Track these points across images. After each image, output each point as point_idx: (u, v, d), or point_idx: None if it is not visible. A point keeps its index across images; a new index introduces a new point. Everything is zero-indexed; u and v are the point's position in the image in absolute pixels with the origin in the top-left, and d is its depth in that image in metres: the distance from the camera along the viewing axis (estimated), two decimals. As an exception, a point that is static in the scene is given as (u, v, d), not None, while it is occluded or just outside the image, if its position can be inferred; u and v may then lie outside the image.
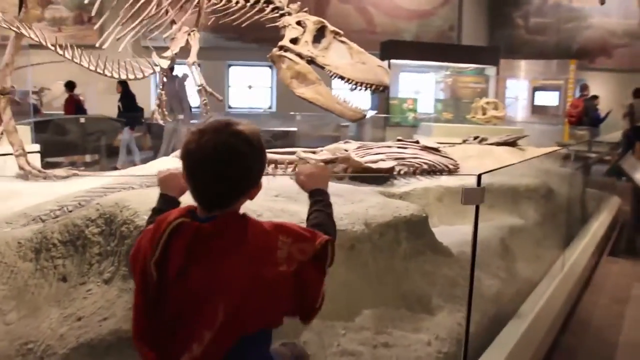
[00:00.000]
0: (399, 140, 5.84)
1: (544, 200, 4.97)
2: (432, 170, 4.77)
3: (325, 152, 4.55)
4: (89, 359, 2.14)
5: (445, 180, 4.52)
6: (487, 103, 8.61)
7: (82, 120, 8.17)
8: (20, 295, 2.49)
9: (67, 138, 8.03)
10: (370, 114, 6.36)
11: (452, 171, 4.93)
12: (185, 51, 4.56)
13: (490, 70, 11.90)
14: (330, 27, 5.17)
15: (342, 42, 5.24)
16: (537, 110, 13.78)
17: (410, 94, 11.32)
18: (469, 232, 3.94)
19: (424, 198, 4.28)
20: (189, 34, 4.78)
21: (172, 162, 4.51)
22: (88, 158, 7.94)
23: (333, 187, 3.36)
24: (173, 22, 5.05)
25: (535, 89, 13.94)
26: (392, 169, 4.54)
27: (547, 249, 4.54)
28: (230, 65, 13.17)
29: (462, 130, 7.86)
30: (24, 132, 5.65)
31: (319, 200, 1.80)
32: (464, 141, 6.55)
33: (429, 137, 8.01)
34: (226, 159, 1.40)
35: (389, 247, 2.95)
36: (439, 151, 5.48)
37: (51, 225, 2.65)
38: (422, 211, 3.18)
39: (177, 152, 4.74)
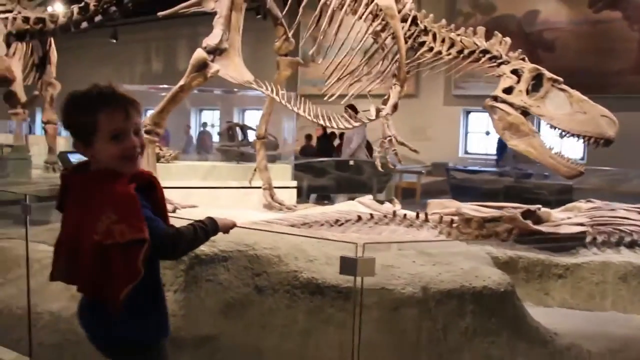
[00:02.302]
0: (653, 202, 4.91)
1: None
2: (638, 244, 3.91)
3: (491, 210, 4.21)
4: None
5: (638, 257, 3.68)
6: None
7: (351, 163, 9.16)
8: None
9: (337, 177, 9.16)
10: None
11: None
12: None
13: None
14: (548, 75, 4.82)
15: (562, 89, 4.83)
16: None
17: None
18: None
19: (599, 274, 3.60)
20: (390, 88, 5.07)
21: (354, 206, 4.84)
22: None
23: (436, 246, 3.26)
24: (394, 76, 5.37)
25: None
26: (576, 234, 3.91)
27: None
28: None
29: None
30: (286, 170, 6.78)
31: (202, 221, 2.00)
32: None
33: None
34: None
35: (446, 319, 2.72)
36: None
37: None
38: (504, 285, 2.79)
39: (362, 199, 5.06)
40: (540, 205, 4.68)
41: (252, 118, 14.10)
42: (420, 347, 2.68)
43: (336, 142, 12.74)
